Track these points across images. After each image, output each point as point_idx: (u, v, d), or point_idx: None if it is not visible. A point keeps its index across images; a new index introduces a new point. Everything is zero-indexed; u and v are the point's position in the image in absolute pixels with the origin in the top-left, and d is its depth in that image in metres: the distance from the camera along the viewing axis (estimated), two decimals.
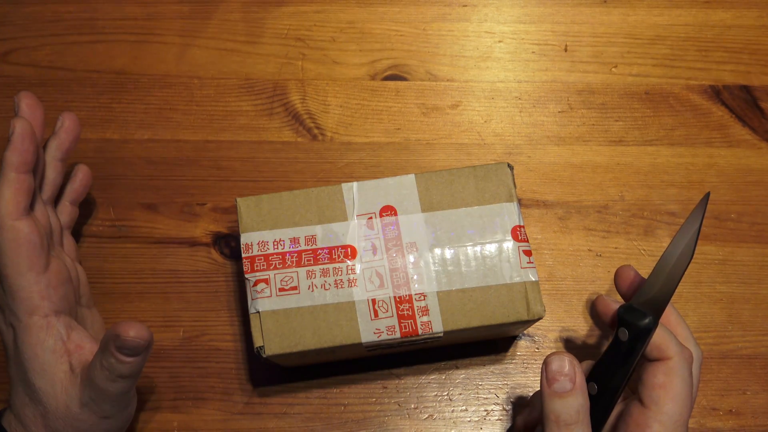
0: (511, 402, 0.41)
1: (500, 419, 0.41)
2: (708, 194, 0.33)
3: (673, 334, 0.33)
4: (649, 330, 0.32)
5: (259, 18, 0.52)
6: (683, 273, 0.32)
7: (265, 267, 0.36)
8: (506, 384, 0.42)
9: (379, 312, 0.35)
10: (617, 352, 0.33)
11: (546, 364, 0.31)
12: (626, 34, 0.52)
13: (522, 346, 0.43)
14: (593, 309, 0.36)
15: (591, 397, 0.32)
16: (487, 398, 0.41)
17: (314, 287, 0.36)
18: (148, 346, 0.32)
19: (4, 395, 0.41)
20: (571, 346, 0.43)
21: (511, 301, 0.35)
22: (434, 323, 0.35)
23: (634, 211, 0.46)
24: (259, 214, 0.37)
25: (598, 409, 0.33)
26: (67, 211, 0.41)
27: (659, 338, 0.32)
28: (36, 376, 0.33)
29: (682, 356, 0.32)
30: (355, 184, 0.38)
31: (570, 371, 0.31)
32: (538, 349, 0.43)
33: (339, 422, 0.41)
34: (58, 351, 0.34)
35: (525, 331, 0.43)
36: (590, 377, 0.33)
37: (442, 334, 0.36)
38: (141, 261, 0.45)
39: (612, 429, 0.34)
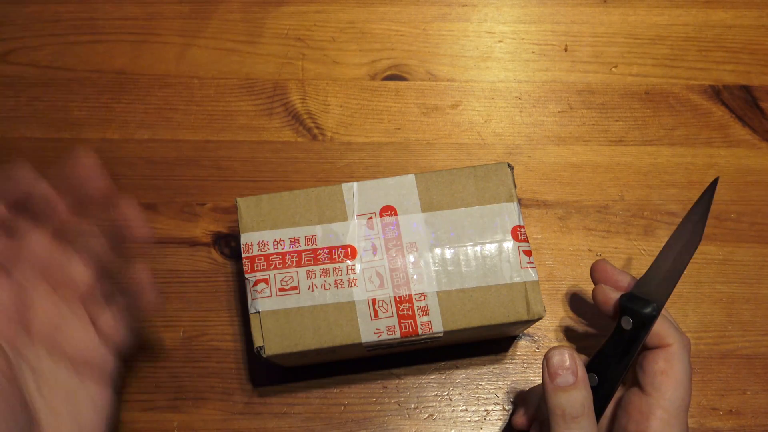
0: (511, 402, 0.41)
1: (500, 419, 0.41)
2: (717, 179, 0.33)
3: (672, 321, 0.33)
4: (653, 317, 0.32)
5: (259, 18, 0.52)
6: (689, 259, 0.32)
7: (265, 267, 0.36)
8: (506, 384, 0.42)
9: (379, 312, 0.35)
10: (620, 341, 0.33)
11: (547, 359, 0.31)
12: (626, 34, 0.52)
13: (522, 346, 0.43)
14: (593, 299, 0.36)
15: (591, 388, 0.32)
16: (487, 398, 0.41)
17: (314, 287, 0.36)
18: None
19: None
20: (571, 345, 0.43)
21: (511, 301, 0.35)
22: (434, 323, 0.35)
23: (634, 211, 0.46)
24: (259, 214, 0.37)
25: (598, 400, 0.33)
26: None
27: (658, 326, 0.32)
28: None
29: (681, 343, 0.32)
30: (355, 184, 0.38)
31: (571, 365, 0.30)
32: (538, 348, 0.43)
33: (339, 422, 0.41)
34: None
35: (525, 331, 0.43)
36: (590, 369, 0.33)
37: (442, 334, 0.36)
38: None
39: (611, 418, 0.33)
